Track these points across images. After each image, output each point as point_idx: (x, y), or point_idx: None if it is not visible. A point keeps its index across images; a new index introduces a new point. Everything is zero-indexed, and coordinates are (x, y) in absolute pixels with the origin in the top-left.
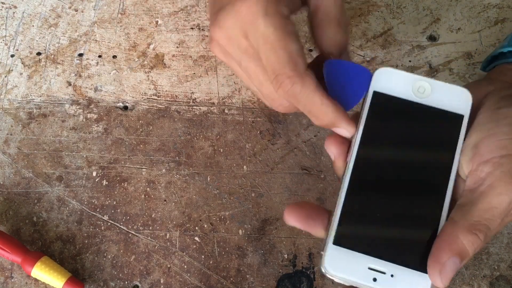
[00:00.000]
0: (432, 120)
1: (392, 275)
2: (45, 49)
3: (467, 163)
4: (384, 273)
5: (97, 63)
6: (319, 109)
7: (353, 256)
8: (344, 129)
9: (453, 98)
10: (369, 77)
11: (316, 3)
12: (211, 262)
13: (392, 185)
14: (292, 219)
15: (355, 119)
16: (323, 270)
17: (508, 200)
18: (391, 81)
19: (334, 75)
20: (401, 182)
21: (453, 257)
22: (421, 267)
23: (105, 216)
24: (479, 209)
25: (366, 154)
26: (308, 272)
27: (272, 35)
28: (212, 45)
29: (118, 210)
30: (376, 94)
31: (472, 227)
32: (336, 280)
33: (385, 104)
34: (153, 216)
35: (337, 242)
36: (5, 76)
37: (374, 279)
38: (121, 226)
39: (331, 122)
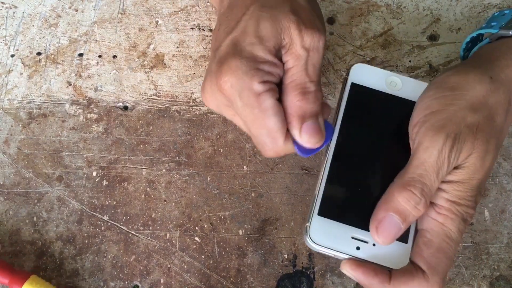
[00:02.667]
0: (402, 109)
1: (374, 244)
2: (45, 49)
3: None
4: (366, 242)
5: (97, 63)
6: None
7: (337, 227)
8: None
9: (420, 91)
10: (331, 131)
11: (287, 67)
12: (211, 262)
13: (371, 162)
14: (355, 274)
15: (336, 107)
16: (308, 241)
17: (436, 152)
18: (366, 75)
19: None
20: (378, 159)
21: (389, 213)
22: (401, 237)
23: (105, 216)
24: (411, 167)
25: (346, 133)
26: (308, 272)
27: (249, 115)
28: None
29: (118, 210)
30: (353, 85)
31: (406, 184)
32: (321, 250)
33: (362, 94)
34: (153, 216)
35: (321, 213)
36: (5, 76)
37: (357, 248)
38: (121, 226)
39: None
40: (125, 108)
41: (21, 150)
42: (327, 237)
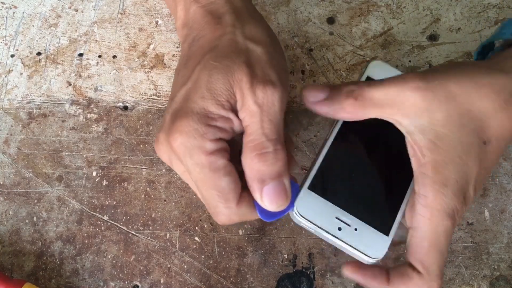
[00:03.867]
0: None
1: (355, 229)
2: (45, 49)
3: None
4: (349, 225)
5: (97, 63)
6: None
7: (324, 204)
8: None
9: None
10: (296, 191)
11: (245, 125)
12: (211, 262)
13: (370, 151)
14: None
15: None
16: (294, 212)
17: (400, 80)
18: (383, 72)
19: None
20: (378, 150)
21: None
22: (382, 228)
23: (105, 216)
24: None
25: (354, 122)
26: (308, 272)
27: (200, 175)
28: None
29: (118, 210)
30: (368, 79)
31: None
32: (303, 224)
33: None
34: (153, 216)
35: (311, 187)
36: (5, 76)
37: (339, 229)
38: (121, 226)
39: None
40: (125, 108)
41: (21, 150)
42: (312, 212)
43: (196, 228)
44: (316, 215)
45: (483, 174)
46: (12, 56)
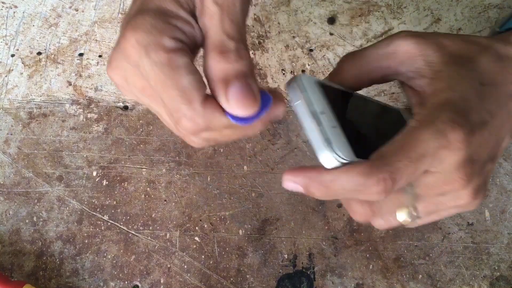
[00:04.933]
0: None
1: (333, 127)
2: (45, 49)
3: None
4: (331, 122)
5: (98, 62)
6: (234, 128)
7: (320, 92)
8: (268, 116)
9: None
10: (268, 100)
11: (205, 30)
12: (211, 262)
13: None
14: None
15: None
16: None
17: (390, 37)
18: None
19: None
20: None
21: None
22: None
23: (105, 216)
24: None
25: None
26: (308, 272)
27: (159, 75)
28: (118, 87)
29: (118, 210)
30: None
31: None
32: (293, 89)
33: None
34: (153, 216)
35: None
36: (6, 76)
37: (322, 113)
38: (121, 226)
39: (255, 125)
40: (125, 108)
41: (21, 150)
42: (310, 87)
43: (196, 228)
44: (313, 92)
45: (485, 114)
46: (13, 55)
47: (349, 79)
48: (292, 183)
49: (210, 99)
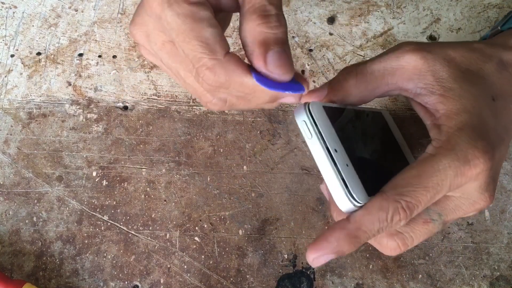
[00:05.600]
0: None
1: (347, 165)
2: (45, 49)
3: None
4: (344, 159)
5: (97, 63)
6: (254, 92)
7: (329, 122)
8: (290, 97)
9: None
10: (298, 85)
11: None
12: (211, 262)
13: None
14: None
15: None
16: (305, 108)
17: (395, 49)
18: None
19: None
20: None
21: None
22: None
23: (105, 216)
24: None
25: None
26: (308, 272)
27: (181, 26)
28: (139, 47)
29: (118, 210)
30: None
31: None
32: (305, 124)
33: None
34: (153, 216)
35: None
36: (5, 76)
37: (335, 150)
38: (121, 226)
39: (273, 97)
40: (125, 108)
41: (21, 150)
42: (323, 120)
43: (196, 228)
44: (325, 125)
45: (501, 129)
46: (12, 56)
47: (353, 97)
48: (322, 258)
49: (233, 55)
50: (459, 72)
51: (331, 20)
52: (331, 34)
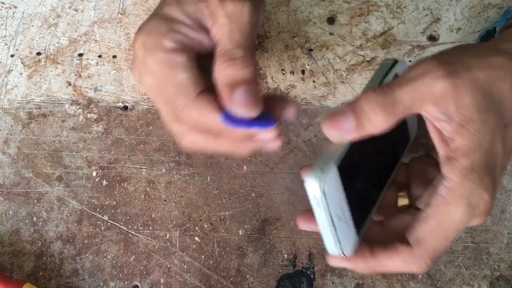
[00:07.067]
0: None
1: (340, 219)
2: (45, 49)
3: None
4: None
5: (97, 63)
6: (223, 128)
7: (339, 187)
8: (262, 135)
9: None
10: (272, 121)
11: (216, 38)
12: (211, 262)
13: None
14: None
15: None
16: (314, 176)
17: (419, 71)
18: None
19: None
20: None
21: (345, 109)
22: (357, 226)
23: (105, 216)
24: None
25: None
26: (308, 272)
27: (159, 72)
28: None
29: (118, 210)
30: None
31: (379, 88)
32: (314, 191)
33: None
34: (153, 216)
35: (340, 166)
36: (5, 76)
37: (334, 227)
38: (121, 226)
39: (244, 136)
40: (125, 108)
41: (21, 150)
42: (330, 188)
43: (196, 228)
44: (331, 192)
45: (506, 158)
46: (12, 56)
47: (380, 129)
48: (342, 264)
49: (205, 95)
50: (481, 98)
51: (331, 20)
52: (331, 34)
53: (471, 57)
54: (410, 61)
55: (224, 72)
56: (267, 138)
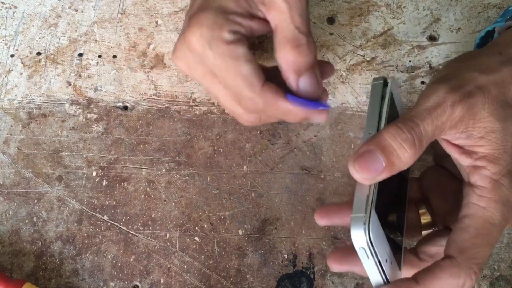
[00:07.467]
0: None
1: (386, 260)
2: (45, 49)
3: None
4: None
5: (97, 63)
6: (288, 113)
7: (381, 231)
8: (317, 118)
9: None
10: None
11: (274, 24)
12: (211, 262)
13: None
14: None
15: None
16: (365, 233)
17: (435, 98)
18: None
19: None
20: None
21: (371, 147)
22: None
23: (105, 216)
24: (411, 109)
25: None
26: (308, 272)
27: (222, 64)
28: (182, 72)
29: (118, 210)
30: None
31: (394, 123)
32: (364, 246)
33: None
34: (153, 216)
35: (377, 212)
36: (5, 76)
37: (383, 270)
38: (121, 226)
39: (303, 117)
40: (125, 108)
41: (21, 150)
42: (376, 238)
43: (196, 228)
44: (376, 239)
45: None
46: (12, 56)
47: (408, 165)
48: None
49: (269, 85)
50: (498, 108)
51: (331, 20)
52: (331, 34)
53: (480, 73)
54: (410, 61)
55: (291, 58)
56: (321, 119)
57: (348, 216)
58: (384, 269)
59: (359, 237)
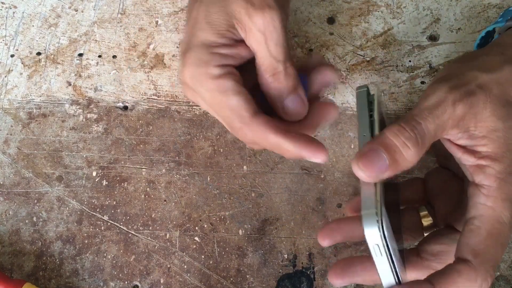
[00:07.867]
0: None
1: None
2: (45, 49)
3: None
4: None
5: (97, 63)
6: (279, 147)
7: (388, 223)
8: (312, 157)
9: None
10: (305, 81)
11: (253, 50)
12: (211, 262)
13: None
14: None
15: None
16: (377, 227)
17: (435, 97)
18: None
19: None
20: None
21: (375, 146)
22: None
23: (105, 216)
24: (413, 109)
25: None
26: (308, 272)
27: (211, 99)
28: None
29: (118, 210)
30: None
31: (397, 121)
32: (374, 241)
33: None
34: (153, 216)
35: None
36: (5, 76)
37: (393, 264)
38: (121, 226)
39: (295, 155)
40: (125, 108)
41: (21, 150)
42: (387, 230)
43: (196, 228)
44: (388, 236)
45: None
46: (12, 56)
47: (411, 165)
48: None
49: (259, 116)
50: (500, 107)
51: (331, 20)
52: (331, 34)
53: (481, 72)
54: (410, 61)
55: (270, 86)
56: (317, 156)
57: (348, 229)
58: (396, 268)
59: (373, 234)
